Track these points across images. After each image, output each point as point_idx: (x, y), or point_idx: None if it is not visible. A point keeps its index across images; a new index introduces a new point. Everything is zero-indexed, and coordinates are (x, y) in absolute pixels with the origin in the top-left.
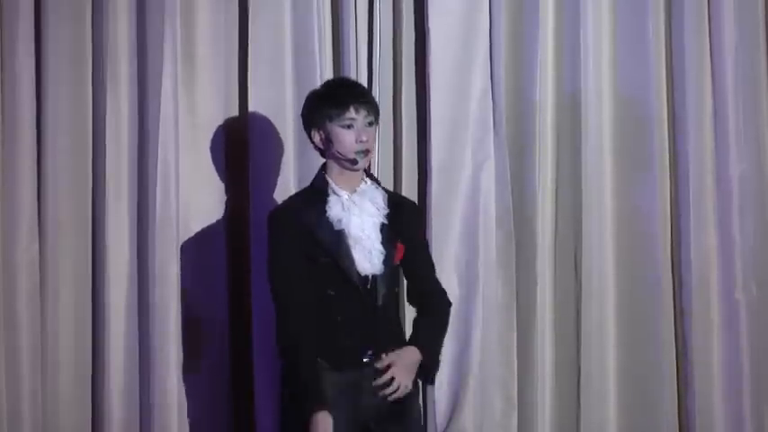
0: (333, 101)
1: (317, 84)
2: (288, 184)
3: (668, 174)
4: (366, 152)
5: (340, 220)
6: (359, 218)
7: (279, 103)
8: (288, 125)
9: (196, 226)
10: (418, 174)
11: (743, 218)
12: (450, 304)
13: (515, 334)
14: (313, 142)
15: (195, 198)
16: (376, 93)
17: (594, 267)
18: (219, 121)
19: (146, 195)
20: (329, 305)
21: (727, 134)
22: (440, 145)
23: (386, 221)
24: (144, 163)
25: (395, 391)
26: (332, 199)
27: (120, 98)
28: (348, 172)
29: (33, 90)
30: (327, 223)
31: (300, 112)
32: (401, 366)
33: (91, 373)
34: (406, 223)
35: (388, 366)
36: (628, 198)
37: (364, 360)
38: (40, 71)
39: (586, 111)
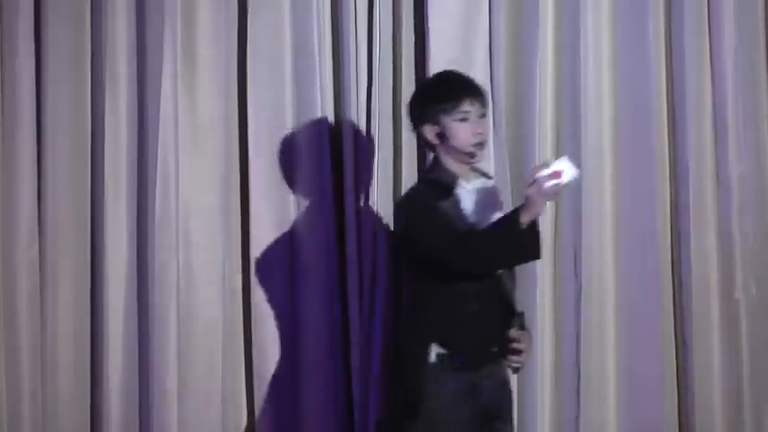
0: (447, 94)
1: (317, 84)
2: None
3: (668, 174)
4: (482, 145)
5: (472, 214)
6: (489, 212)
7: (278, 103)
8: (287, 124)
9: (195, 226)
10: (418, 175)
11: (742, 218)
12: None
13: None
14: (425, 138)
15: (195, 198)
16: (375, 93)
17: (594, 268)
18: (219, 121)
19: (145, 195)
20: (461, 300)
21: (727, 134)
22: None
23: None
24: (143, 163)
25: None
26: (461, 192)
27: (120, 98)
28: (463, 165)
29: (33, 90)
30: (462, 216)
31: (408, 107)
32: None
33: (90, 373)
34: None
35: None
36: (628, 198)
37: (492, 351)
38: (39, 71)
39: (586, 111)
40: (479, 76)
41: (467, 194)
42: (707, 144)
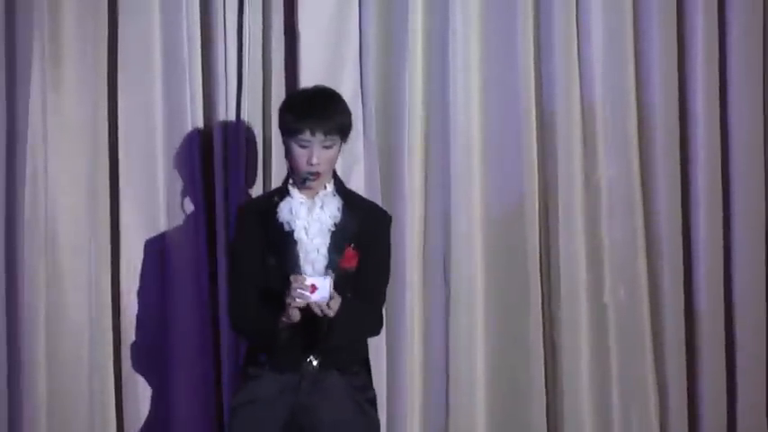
0: (293, 117)
1: (186, 86)
2: (156, 183)
3: (536, 177)
4: (316, 174)
5: (288, 223)
6: (304, 222)
7: (148, 106)
8: (157, 127)
9: (64, 227)
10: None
11: (611, 222)
12: (380, 324)
13: (385, 338)
14: None
15: (63, 199)
16: (245, 97)
17: (464, 271)
18: (88, 123)
19: (14, 197)
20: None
21: (596, 138)
22: None
23: (335, 228)
24: (13, 164)
25: None
26: (285, 201)
27: None
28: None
29: None
30: (278, 224)
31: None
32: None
33: None
34: (363, 231)
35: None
36: (497, 201)
37: (308, 363)
38: None
39: (455, 115)
40: (350, 79)
41: (288, 205)
42: (575, 147)
